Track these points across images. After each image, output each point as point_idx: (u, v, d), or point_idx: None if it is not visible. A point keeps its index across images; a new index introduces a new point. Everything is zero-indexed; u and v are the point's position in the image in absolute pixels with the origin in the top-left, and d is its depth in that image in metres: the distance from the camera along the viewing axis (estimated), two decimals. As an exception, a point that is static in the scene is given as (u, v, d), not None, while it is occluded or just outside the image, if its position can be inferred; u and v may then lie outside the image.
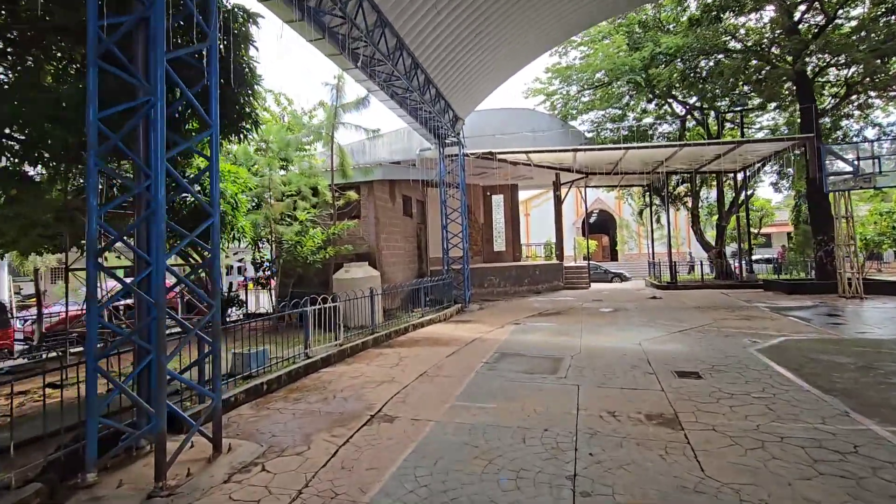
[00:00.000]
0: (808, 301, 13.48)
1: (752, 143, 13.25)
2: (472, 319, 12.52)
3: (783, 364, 6.77)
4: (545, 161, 17.33)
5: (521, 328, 10.78)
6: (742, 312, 11.93)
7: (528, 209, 43.57)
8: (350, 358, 8.14)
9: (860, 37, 14.85)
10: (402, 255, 14.16)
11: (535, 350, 8.28)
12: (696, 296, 16.25)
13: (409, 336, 10.13)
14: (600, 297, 17.36)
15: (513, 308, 14.62)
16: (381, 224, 12.61)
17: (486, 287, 18.64)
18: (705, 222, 24.21)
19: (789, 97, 19.91)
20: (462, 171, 15.39)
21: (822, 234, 15.08)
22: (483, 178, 22.76)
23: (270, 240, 10.17)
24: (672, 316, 11.80)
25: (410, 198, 15.06)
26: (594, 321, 11.42)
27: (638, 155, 15.65)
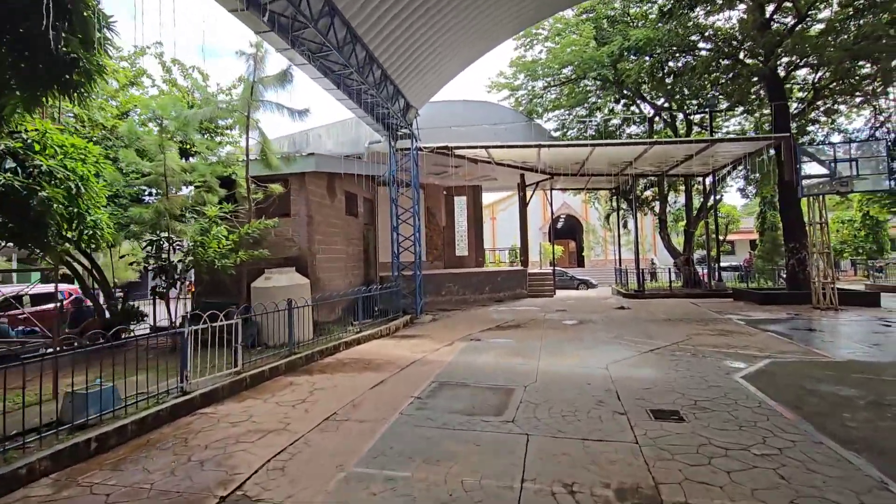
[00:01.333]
0: (782, 313, 12.58)
1: (725, 142, 12.35)
2: (420, 334, 10.96)
3: (779, 398, 5.51)
4: (508, 158, 16.02)
5: (473, 346, 9.30)
6: (716, 326, 10.84)
7: (494, 213, 42.52)
8: (248, 391, 6.43)
9: (832, 38, 14.21)
10: (344, 260, 12.48)
11: (482, 377, 6.79)
12: (664, 306, 15.23)
13: (337, 357, 8.47)
14: (565, 306, 16.14)
15: (469, 319, 13.15)
16: (316, 223, 10.91)
17: (443, 295, 17.13)
18: (672, 228, 23.51)
19: (756, 101, 19.38)
20: (415, 166, 13.87)
21: (794, 241, 14.33)
22: (444, 178, 21.34)
23: (169, 240, 8.33)
24: (642, 330, 10.58)
25: (356, 195, 13.41)
26: (556, 337, 10.07)
27: (605, 154, 14.54)
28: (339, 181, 12.26)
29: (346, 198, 12.72)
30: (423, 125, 15.02)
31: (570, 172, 18.89)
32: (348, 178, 12.61)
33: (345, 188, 12.65)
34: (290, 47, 8.28)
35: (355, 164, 12.76)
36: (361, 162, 13.48)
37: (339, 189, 12.33)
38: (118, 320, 8.93)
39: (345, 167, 12.02)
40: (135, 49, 9.89)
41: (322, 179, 11.31)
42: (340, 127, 15.17)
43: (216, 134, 10.07)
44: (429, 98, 13.92)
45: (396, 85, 12.02)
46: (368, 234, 14.16)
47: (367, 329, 10.44)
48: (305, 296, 9.41)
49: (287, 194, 10.52)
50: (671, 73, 16.52)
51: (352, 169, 12.50)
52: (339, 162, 11.70)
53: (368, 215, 14.41)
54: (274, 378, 7.03)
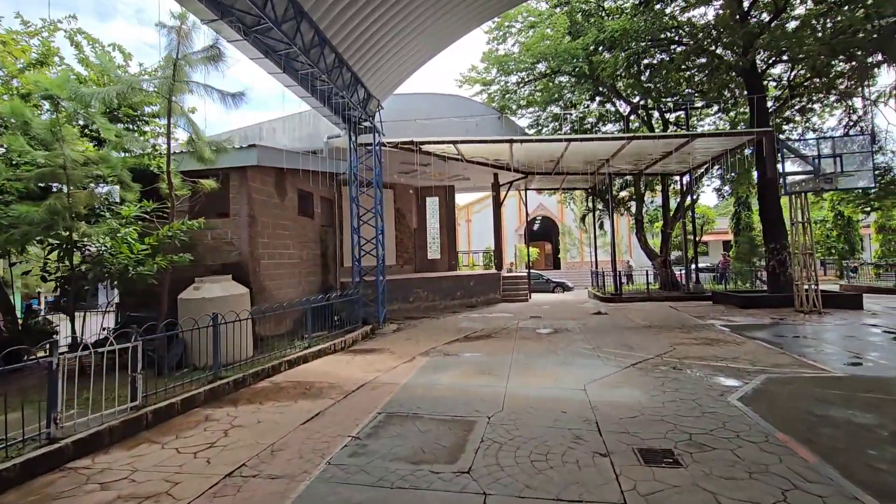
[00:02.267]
0: (765, 317, 11.94)
1: (705, 137, 11.69)
2: (380, 347, 9.84)
3: (787, 428, 4.62)
4: (479, 155, 15.05)
5: (436, 362, 8.23)
6: (700, 334, 10.06)
7: (469, 215, 41.67)
8: (148, 431, 5.20)
9: (808, 32, 13.74)
10: (298, 266, 11.26)
11: (440, 405, 5.73)
12: (643, 310, 14.49)
13: (275, 380, 7.28)
14: (540, 311, 15.25)
15: (436, 329, 12.08)
16: (260, 225, 9.67)
17: (412, 302, 16.03)
18: (647, 229, 22.99)
19: (732, 99, 18.99)
20: (378, 163, 12.74)
21: (774, 241, 13.79)
22: (415, 178, 20.25)
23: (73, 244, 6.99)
24: (622, 340, 9.71)
25: (311, 194, 12.20)
26: (529, 349, 9.09)
27: (581, 150, 13.73)
28: (291, 178, 11.03)
29: (299, 197, 11.50)
30: (388, 119, 13.93)
31: (544, 171, 18.06)
32: (303, 175, 11.40)
33: (298, 186, 11.43)
34: (219, 18, 7.09)
35: (310, 159, 11.56)
36: (320, 158, 12.28)
37: (291, 187, 11.10)
38: (18, 339, 7.53)
39: (296, 162, 10.81)
40: (43, 24, 8.49)
41: (268, 176, 10.08)
42: (297, 120, 13.92)
43: (140, 122, 8.75)
44: (393, 89, 12.84)
45: (355, 72, 10.89)
46: (327, 237, 12.96)
47: (319, 343, 9.26)
48: (244, 307, 8.19)
49: (225, 192, 9.26)
50: (648, 67, 15.87)
51: (306, 165, 11.29)
52: (290, 156, 10.48)
53: (327, 216, 13.21)
54: (188, 411, 5.81)
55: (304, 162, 11.19)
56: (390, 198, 21.73)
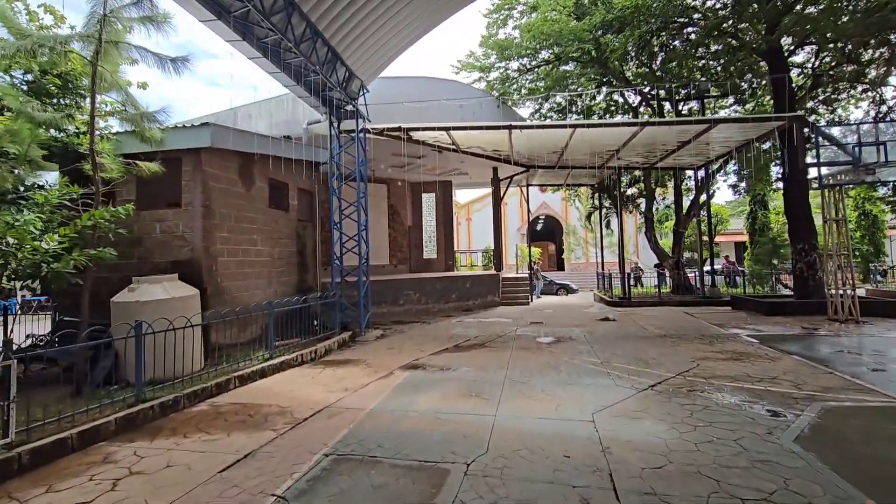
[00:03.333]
0: (796, 327, 10.60)
1: (728, 122, 10.37)
2: (356, 358, 8.58)
3: (879, 491, 3.32)
4: (476, 145, 13.77)
5: (416, 378, 6.96)
6: (725, 346, 8.74)
7: (469, 213, 40.42)
8: (19, 478, 3.97)
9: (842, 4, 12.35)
10: (268, 265, 10.02)
11: (407, 442, 4.46)
12: (655, 316, 13.16)
13: (215, 402, 6.03)
14: (542, 316, 13.95)
15: (424, 336, 10.82)
16: (218, 217, 8.44)
17: (402, 304, 14.78)
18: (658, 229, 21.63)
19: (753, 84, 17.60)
20: (363, 150, 11.50)
21: (802, 241, 12.42)
22: (410, 172, 19.05)
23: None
24: (634, 352, 8.41)
25: (286, 185, 10.95)
26: (526, 363, 7.80)
27: (587, 139, 12.42)
28: (261, 166, 9.80)
29: (270, 187, 10.26)
30: (375, 102, 12.68)
31: (547, 164, 16.77)
32: (275, 163, 10.17)
33: (270, 175, 10.20)
34: (151, -36, 5.86)
35: (284, 145, 10.32)
36: (296, 145, 11.04)
37: (261, 176, 9.87)
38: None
39: (266, 147, 9.58)
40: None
41: (230, 161, 8.85)
42: (275, 104, 12.71)
43: (76, 96, 7.55)
44: (379, 70, 11.59)
45: (332, 46, 9.64)
46: (305, 233, 11.72)
47: (283, 354, 8.01)
48: (193, 311, 6.96)
49: (177, 178, 8.03)
50: (663, 48, 14.53)
51: (279, 151, 10.06)
52: (259, 141, 9.25)
53: (306, 210, 11.97)
54: (87, 448, 4.56)
55: (276, 147, 9.96)
56: (383, 193, 20.51)
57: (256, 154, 9.38)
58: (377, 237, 20.00)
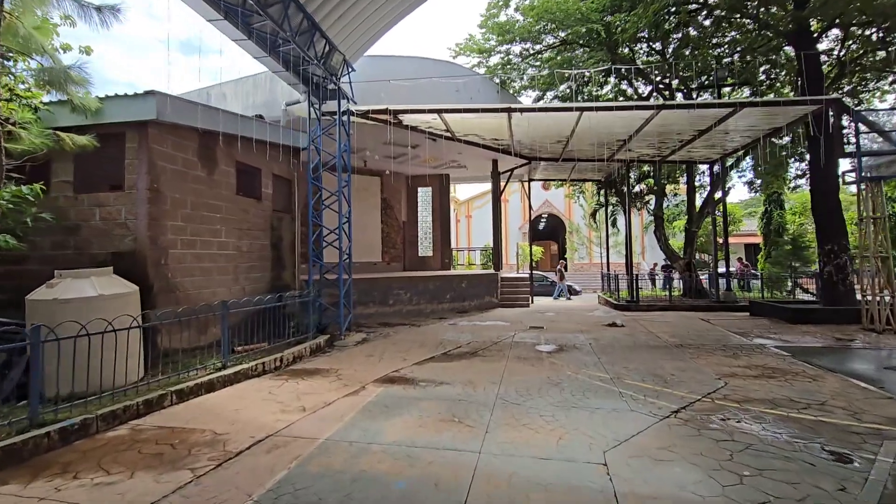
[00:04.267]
0: (828, 337, 9.44)
1: (756, 105, 9.19)
2: (327, 367, 7.46)
3: None
4: (473, 132, 12.62)
5: (390, 396, 5.84)
6: (753, 360, 7.58)
7: (469, 210, 39.32)
8: None
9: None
10: (235, 259, 8.92)
11: (357, 497, 3.34)
12: (668, 322, 12.01)
13: (139, 425, 4.91)
14: (542, 320, 12.82)
15: (411, 341, 9.71)
16: (171, 203, 7.33)
17: (391, 305, 13.67)
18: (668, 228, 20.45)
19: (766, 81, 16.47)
20: (347, 134, 10.38)
21: (831, 241, 11.24)
22: (404, 164, 17.92)
23: None
24: (649, 366, 7.27)
25: (259, 171, 9.83)
26: (523, 377, 6.67)
27: (595, 126, 11.27)
28: (228, 148, 8.69)
29: (239, 172, 9.14)
30: (360, 81, 11.56)
31: (550, 156, 15.62)
32: (245, 145, 9.06)
33: (238, 159, 9.08)
34: None
35: (256, 126, 9.21)
36: (270, 126, 9.93)
37: (227, 158, 8.75)
38: None
39: (233, 126, 8.47)
40: None
41: (186, 139, 7.73)
42: (251, 84, 11.61)
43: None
44: (365, 45, 10.47)
45: (309, 14, 8.51)
46: (282, 225, 10.61)
47: (242, 362, 6.90)
48: (130, 310, 5.85)
49: (120, 156, 6.92)
50: (678, 26, 13.31)
51: (248, 131, 8.94)
52: (225, 118, 8.14)
53: (284, 200, 10.85)
54: (-65, 494, 3.46)
55: (245, 127, 8.85)
56: (376, 186, 19.41)
57: (221, 133, 8.26)
58: (369, 232, 18.91)
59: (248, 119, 9.08)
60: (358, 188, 18.80)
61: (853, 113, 9.17)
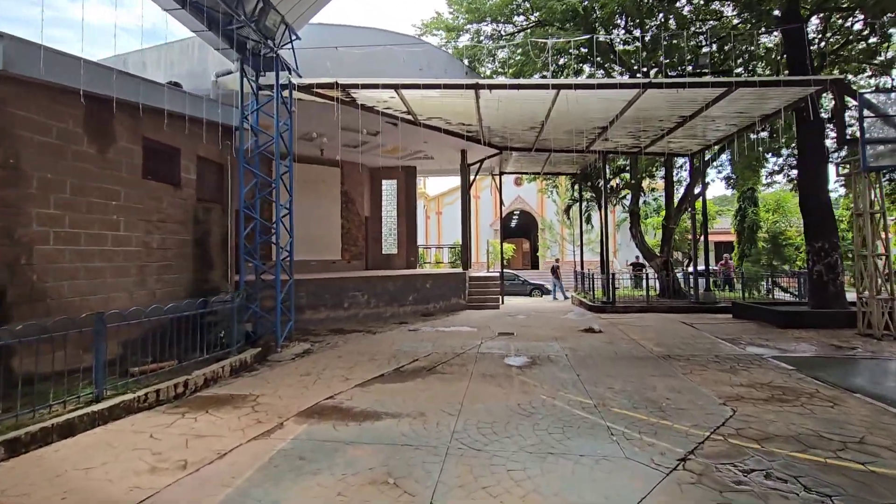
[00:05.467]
0: (826, 345, 8.55)
1: (753, 85, 8.16)
2: (242, 394, 5.98)
3: None
4: (436, 114, 11.26)
5: (310, 440, 4.44)
6: (754, 376, 6.52)
7: (440, 206, 38.02)
8: None
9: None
10: (140, 257, 7.31)
11: None
12: (648, 326, 10.98)
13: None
14: (513, 325, 11.61)
15: (361, 354, 8.29)
16: (39, 184, 5.71)
17: (346, 309, 12.20)
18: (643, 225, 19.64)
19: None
20: (288, 112, 8.85)
21: (821, 238, 10.44)
22: (367, 154, 16.45)
23: None
24: (637, 385, 6.09)
25: (178, 151, 8.20)
26: (487, 404, 5.38)
27: (572, 111, 10.10)
28: (130, 120, 7.05)
29: (147, 150, 7.50)
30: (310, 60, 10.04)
31: (523, 146, 14.43)
32: (156, 118, 7.42)
33: (145, 134, 7.44)
34: None
35: (167, 95, 7.57)
36: (199, 100, 8.31)
37: (128, 132, 7.11)
38: None
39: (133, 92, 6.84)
40: None
41: (67, 105, 6.08)
42: (177, 50, 9.89)
43: None
44: (313, 6, 8.92)
45: (233, -42, 6.94)
46: (210, 217, 8.99)
47: (128, 391, 5.35)
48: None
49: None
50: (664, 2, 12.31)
51: (157, 100, 7.31)
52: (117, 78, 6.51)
53: (212, 187, 9.23)
54: None
55: (153, 95, 7.22)
56: (335, 178, 17.81)
57: (119, 101, 6.62)
58: (327, 228, 17.32)
59: (157, 86, 7.45)
60: (314, 179, 17.20)
61: (857, 96, 8.31)
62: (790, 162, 15.74)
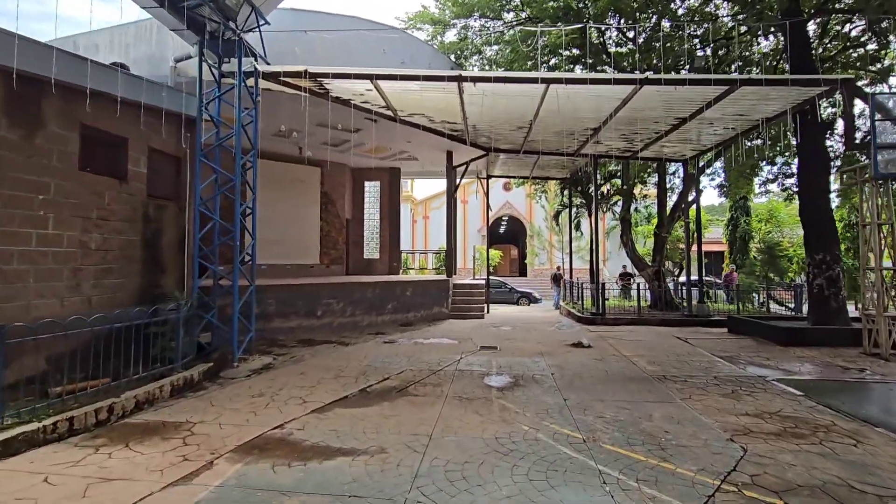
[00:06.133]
0: (831, 365, 7.96)
1: (756, 84, 7.53)
2: (177, 421, 5.15)
3: None
4: (417, 110, 10.54)
5: (241, 487, 3.65)
6: (760, 403, 5.85)
7: (427, 211, 37.31)
8: None
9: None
10: (75, 259, 6.47)
11: None
12: (640, 341, 10.33)
13: None
14: (497, 337, 10.89)
15: (326, 369, 7.49)
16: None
17: (319, 317, 11.38)
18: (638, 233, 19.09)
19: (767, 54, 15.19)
20: (254, 101, 8.06)
21: (822, 251, 9.89)
22: (347, 153, 15.68)
23: None
24: (632, 415, 5.38)
25: (125, 141, 7.36)
26: (460, 437, 4.62)
27: (562, 109, 9.45)
28: (64, 103, 6.23)
29: (84, 139, 6.65)
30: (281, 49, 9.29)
31: (511, 148, 13.78)
32: (98, 102, 6.60)
33: (84, 121, 6.60)
34: None
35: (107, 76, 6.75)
36: (151, 85, 7.50)
37: (61, 118, 6.27)
38: None
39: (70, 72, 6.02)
40: None
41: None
42: (133, 33, 9.06)
43: None
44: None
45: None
46: (163, 216, 8.15)
47: (39, 417, 4.51)
48: None
49: None
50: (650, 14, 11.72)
51: (100, 83, 6.49)
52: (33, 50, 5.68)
53: (168, 183, 8.39)
54: None
55: (95, 77, 6.38)
56: (315, 178, 17.01)
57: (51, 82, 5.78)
58: (305, 230, 16.50)
59: (98, 67, 6.62)
60: (292, 179, 16.37)
61: (870, 98, 7.77)
62: (785, 171, 15.30)
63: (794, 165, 15.69)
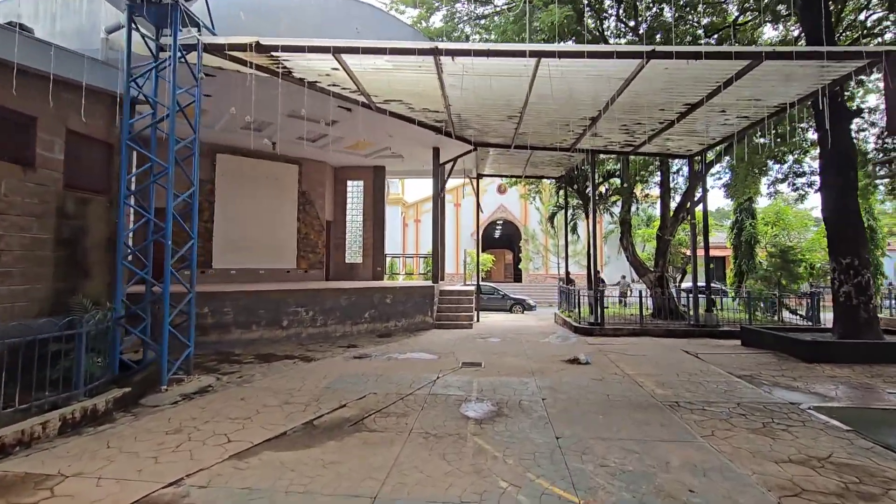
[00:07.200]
0: (871, 388, 6.80)
1: (783, 58, 6.40)
2: (47, 473, 3.91)
3: None
4: (393, 95, 9.38)
5: None
6: (804, 443, 4.66)
7: (418, 214, 36.17)
8: None
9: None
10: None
11: None
12: (644, 356, 9.14)
13: None
14: (483, 351, 9.68)
15: (274, 394, 6.26)
16: None
17: (285, 327, 10.18)
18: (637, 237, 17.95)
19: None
20: (196, 78, 6.89)
21: (850, 254, 8.74)
22: (328, 151, 14.59)
23: None
24: (642, 462, 4.19)
25: (34, 121, 6.19)
26: (417, 495, 3.40)
27: (556, 91, 8.29)
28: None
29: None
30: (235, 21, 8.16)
31: (501, 142, 12.64)
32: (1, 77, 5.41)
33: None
34: None
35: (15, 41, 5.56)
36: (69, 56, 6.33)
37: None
38: None
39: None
40: None
41: None
42: (61, 3, 7.93)
43: None
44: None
45: None
46: (87, 212, 6.93)
47: None
48: None
49: None
50: None
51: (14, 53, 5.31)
52: None
53: (93, 173, 7.18)
54: None
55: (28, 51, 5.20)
56: (293, 176, 15.83)
57: None
58: (280, 233, 15.30)
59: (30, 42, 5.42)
60: (266, 176, 15.17)
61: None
62: (796, 169, 14.22)
63: (806, 163, 14.69)
